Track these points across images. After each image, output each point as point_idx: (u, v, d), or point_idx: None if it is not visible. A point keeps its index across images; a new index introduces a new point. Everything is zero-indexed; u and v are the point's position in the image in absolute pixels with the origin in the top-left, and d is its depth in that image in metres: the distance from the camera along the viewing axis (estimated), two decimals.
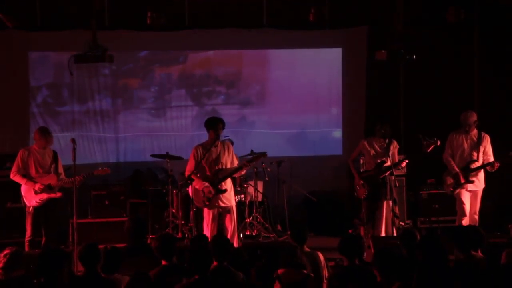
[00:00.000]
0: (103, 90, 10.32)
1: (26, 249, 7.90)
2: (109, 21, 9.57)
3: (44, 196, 7.98)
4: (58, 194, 8.04)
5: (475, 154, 8.51)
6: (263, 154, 8.30)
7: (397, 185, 8.45)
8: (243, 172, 8.30)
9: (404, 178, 9.69)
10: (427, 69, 10.15)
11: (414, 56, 8.45)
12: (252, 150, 9.06)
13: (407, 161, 8.55)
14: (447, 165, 8.61)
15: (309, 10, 9.06)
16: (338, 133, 10.81)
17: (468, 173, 8.46)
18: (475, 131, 8.56)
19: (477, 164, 8.48)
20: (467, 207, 8.50)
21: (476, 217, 8.51)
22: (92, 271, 5.31)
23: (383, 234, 8.26)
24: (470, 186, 8.49)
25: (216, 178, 8.01)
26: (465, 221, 8.41)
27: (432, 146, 8.26)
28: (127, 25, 9.75)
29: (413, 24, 9.32)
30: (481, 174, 8.55)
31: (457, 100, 10.00)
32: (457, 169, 8.49)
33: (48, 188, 7.99)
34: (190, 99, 10.56)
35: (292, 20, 9.97)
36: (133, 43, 10.11)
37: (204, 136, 8.31)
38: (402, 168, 8.81)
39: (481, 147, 8.51)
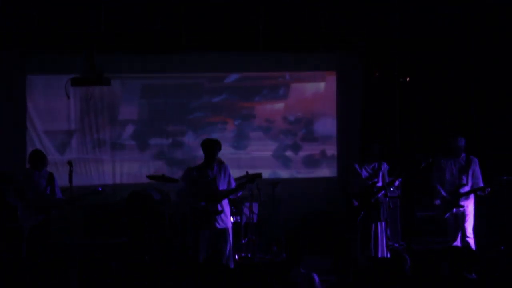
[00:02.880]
0: (99, 112, 10.40)
1: (22, 268, 7.90)
2: (107, 44, 9.66)
3: (40, 217, 8.00)
4: (53, 215, 8.07)
5: (464, 178, 8.53)
6: (258, 175, 8.33)
7: (392, 206, 8.49)
8: (238, 194, 8.32)
9: (398, 199, 9.74)
10: (422, 90, 10.24)
11: (407, 79, 8.55)
12: (247, 172, 9.12)
13: (399, 179, 8.50)
14: (434, 189, 8.66)
15: (305, 34, 9.17)
16: (332, 155, 10.86)
17: (458, 197, 8.49)
18: (463, 155, 8.61)
19: (467, 188, 8.51)
20: (457, 231, 8.51)
21: (469, 240, 8.48)
22: None
23: (379, 255, 8.25)
24: (459, 210, 8.48)
25: (211, 199, 8.04)
26: (457, 244, 8.44)
27: (426, 164, 8.33)
28: (123, 48, 9.85)
29: (407, 46, 9.45)
30: (471, 197, 8.57)
31: (452, 119, 10.08)
32: (444, 194, 8.54)
33: (44, 209, 8.02)
34: None
35: (287, 43, 10.08)
36: (128, 66, 10.20)
37: None
38: (395, 188, 8.77)
39: (470, 170, 8.53)
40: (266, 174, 9.88)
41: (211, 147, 8.06)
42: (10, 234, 8.52)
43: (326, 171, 10.80)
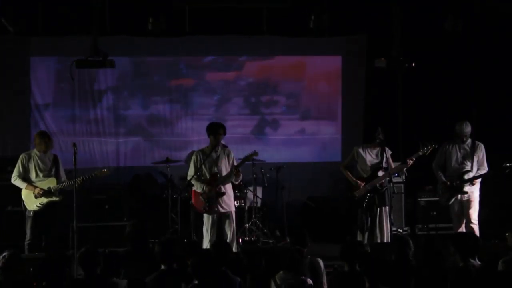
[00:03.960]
0: (104, 95, 10.38)
1: (26, 252, 7.94)
2: (110, 26, 9.62)
3: (44, 200, 8.02)
4: (58, 198, 8.07)
5: (468, 163, 8.47)
6: (254, 154, 8.30)
7: (395, 192, 8.48)
8: (239, 178, 8.30)
9: (402, 185, 9.73)
10: (426, 76, 10.19)
11: (413, 64, 8.50)
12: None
13: (411, 162, 8.32)
14: (435, 174, 8.63)
15: (310, 18, 9.11)
16: (337, 139, 10.84)
17: (462, 183, 8.46)
18: (468, 141, 8.56)
19: (471, 175, 8.47)
20: (461, 217, 8.49)
21: (474, 226, 8.44)
22: (91, 274, 5.35)
23: (384, 240, 8.24)
24: (464, 196, 8.49)
25: (214, 181, 8.05)
26: (462, 230, 8.42)
27: (431, 150, 8.28)
28: (127, 30, 9.81)
29: (412, 31, 9.39)
30: (476, 183, 8.50)
31: (455, 107, 10.05)
32: (444, 180, 8.49)
33: (47, 192, 8.03)
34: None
35: (292, 28, 10.03)
36: (133, 49, 10.16)
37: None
38: (404, 166, 8.58)
39: (475, 156, 8.47)
40: (269, 157, 9.88)
41: (216, 130, 8.08)
42: (15, 217, 8.56)
43: (330, 156, 10.77)
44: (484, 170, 8.50)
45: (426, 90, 10.40)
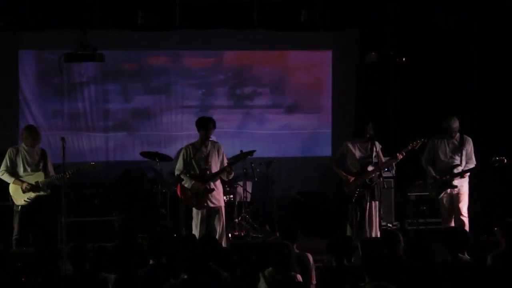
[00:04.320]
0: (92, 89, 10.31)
1: (14, 247, 7.89)
2: (100, 20, 9.55)
3: (32, 195, 7.96)
4: (47, 193, 8.02)
5: (457, 158, 8.51)
6: (250, 152, 8.30)
7: (385, 186, 8.48)
8: (231, 176, 8.28)
9: (392, 180, 9.73)
10: (417, 71, 10.19)
11: (404, 59, 8.50)
12: (241, 151, 9.08)
13: (401, 156, 8.36)
14: (425, 169, 8.65)
15: (300, 12, 9.08)
16: (327, 134, 10.83)
17: (451, 177, 8.48)
18: (457, 135, 8.58)
19: (460, 169, 8.49)
20: (451, 212, 8.52)
21: (464, 219, 8.50)
22: (80, 270, 5.32)
23: (373, 235, 8.26)
24: (454, 190, 8.50)
25: (204, 177, 8.03)
26: (451, 224, 8.45)
27: (420, 144, 8.30)
28: (118, 24, 9.75)
29: (404, 26, 9.38)
30: (465, 177, 8.54)
31: (446, 102, 10.07)
32: (434, 174, 8.52)
33: (35, 187, 7.98)
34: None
35: (283, 21, 10.00)
36: (123, 43, 10.10)
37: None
38: (394, 161, 8.57)
39: (463, 150, 8.53)
40: (260, 152, 9.85)
41: (206, 125, 8.04)
42: (2, 213, 8.50)
43: (320, 151, 10.76)
44: (473, 164, 8.54)
45: (417, 85, 10.40)
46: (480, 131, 9.35)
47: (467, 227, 8.27)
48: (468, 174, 8.52)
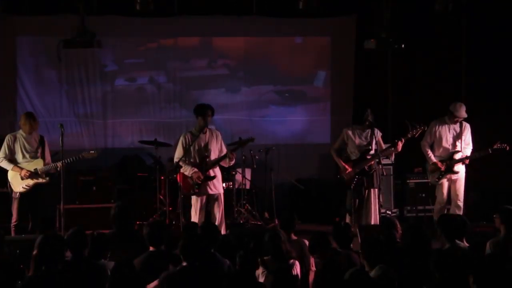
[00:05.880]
0: (91, 76, 10.28)
1: (12, 234, 7.89)
2: (98, 6, 9.51)
3: (31, 182, 7.96)
4: (45, 180, 8.01)
5: (458, 144, 8.56)
6: (250, 139, 8.29)
7: (385, 173, 8.48)
8: (232, 162, 8.27)
9: (391, 167, 9.73)
10: (415, 58, 10.18)
11: (402, 45, 8.48)
12: (240, 138, 9.06)
13: (401, 144, 8.25)
14: (424, 154, 8.65)
15: None
16: (326, 121, 10.82)
17: (452, 163, 8.51)
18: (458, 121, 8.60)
19: (460, 154, 8.52)
20: (449, 196, 8.59)
21: (460, 204, 8.58)
22: (78, 256, 5.32)
23: (372, 222, 8.26)
24: (454, 175, 8.56)
25: (204, 164, 8.02)
26: (444, 210, 8.53)
27: (420, 131, 8.30)
28: (116, 10, 9.70)
29: (402, 13, 9.34)
30: (467, 162, 8.60)
31: (444, 88, 10.06)
32: (434, 160, 8.54)
33: (34, 174, 7.97)
34: None
35: (281, 8, 9.96)
36: (121, 29, 10.06)
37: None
38: (394, 151, 8.55)
39: (462, 136, 8.55)
40: (259, 139, 9.83)
41: (204, 111, 8.03)
42: (1, 199, 8.50)
43: (319, 137, 10.76)
44: (470, 149, 8.59)
45: (416, 71, 10.39)
46: (479, 118, 9.33)
47: (461, 212, 8.34)
48: (468, 160, 8.55)
